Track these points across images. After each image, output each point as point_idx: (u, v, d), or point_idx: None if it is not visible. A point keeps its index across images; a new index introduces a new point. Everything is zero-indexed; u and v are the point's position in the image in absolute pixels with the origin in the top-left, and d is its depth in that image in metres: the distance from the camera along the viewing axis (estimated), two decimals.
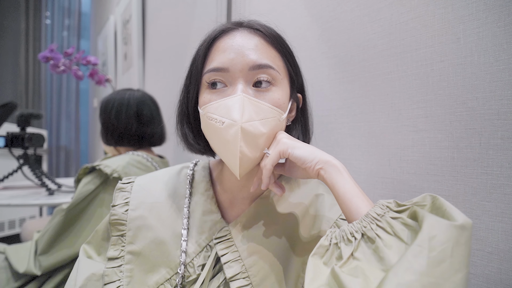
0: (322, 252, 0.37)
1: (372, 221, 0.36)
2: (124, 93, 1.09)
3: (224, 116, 0.43)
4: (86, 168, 0.92)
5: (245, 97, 0.44)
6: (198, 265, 0.47)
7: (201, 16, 1.29)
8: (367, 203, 0.39)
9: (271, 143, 0.46)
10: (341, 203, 0.40)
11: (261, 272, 0.46)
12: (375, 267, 0.33)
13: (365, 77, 0.66)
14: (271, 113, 0.45)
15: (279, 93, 0.47)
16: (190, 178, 0.56)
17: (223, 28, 0.49)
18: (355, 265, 0.33)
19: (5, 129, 1.58)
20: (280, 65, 0.48)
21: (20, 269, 0.83)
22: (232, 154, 0.43)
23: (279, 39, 0.49)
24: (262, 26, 0.49)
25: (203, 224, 0.50)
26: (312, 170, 0.42)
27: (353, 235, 0.36)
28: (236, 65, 0.45)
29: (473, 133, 0.49)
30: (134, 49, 1.96)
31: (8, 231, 2.37)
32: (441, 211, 0.33)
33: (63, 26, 3.56)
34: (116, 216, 0.51)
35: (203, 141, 0.53)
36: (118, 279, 0.47)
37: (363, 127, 0.67)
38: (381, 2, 0.62)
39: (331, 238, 0.37)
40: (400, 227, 0.34)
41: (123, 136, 1.06)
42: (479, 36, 0.48)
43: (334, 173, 0.41)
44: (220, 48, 0.47)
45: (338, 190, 0.40)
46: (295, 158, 0.42)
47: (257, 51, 0.46)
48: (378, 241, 0.34)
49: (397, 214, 0.35)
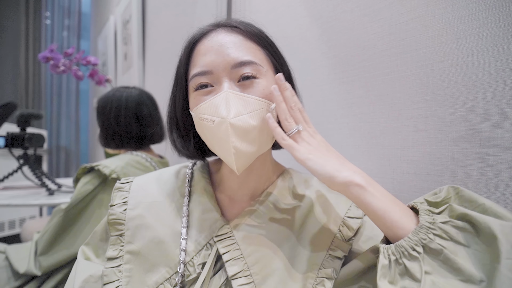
0: (385, 272, 0.36)
1: (427, 231, 0.36)
2: (121, 93, 1.05)
3: (213, 115, 0.44)
4: (84, 168, 0.92)
5: (230, 92, 0.44)
6: (198, 264, 0.47)
7: (201, 16, 1.29)
8: (401, 213, 0.39)
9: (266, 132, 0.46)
10: (374, 219, 0.40)
11: (263, 270, 0.46)
12: (452, 278, 0.33)
13: (365, 77, 0.66)
14: (259, 105, 0.45)
15: (265, 84, 0.46)
16: (189, 177, 0.55)
17: (202, 32, 0.49)
18: (431, 281, 0.33)
19: (5, 129, 1.57)
20: (262, 58, 0.48)
21: (20, 270, 0.83)
22: (227, 151, 0.44)
23: (258, 33, 0.50)
24: (239, 23, 0.50)
25: (202, 222, 0.50)
26: (331, 187, 0.42)
27: (414, 249, 0.36)
28: (218, 65, 0.45)
29: (473, 133, 0.49)
30: (134, 49, 1.96)
31: (8, 231, 2.37)
32: (480, 207, 0.35)
33: (63, 26, 3.56)
34: (114, 216, 0.51)
35: (192, 146, 0.54)
36: (117, 279, 0.47)
37: (363, 127, 0.67)
38: (381, 2, 0.62)
39: (388, 255, 0.37)
40: (454, 231, 0.35)
41: (123, 139, 1.04)
42: (479, 36, 0.48)
43: (358, 194, 0.40)
44: (201, 52, 0.47)
45: (367, 209, 0.40)
46: (311, 171, 0.42)
47: (236, 48, 0.46)
48: (445, 251, 0.34)
49: (445, 218, 0.36)
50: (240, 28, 0.48)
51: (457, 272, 0.33)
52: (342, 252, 0.47)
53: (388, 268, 0.37)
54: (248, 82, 0.46)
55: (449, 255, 0.34)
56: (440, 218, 0.36)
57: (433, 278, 0.34)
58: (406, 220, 0.38)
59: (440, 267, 0.34)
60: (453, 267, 0.34)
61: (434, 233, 0.36)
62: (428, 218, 0.37)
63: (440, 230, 0.35)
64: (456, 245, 0.34)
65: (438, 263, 0.34)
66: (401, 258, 0.36)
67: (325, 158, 0.42)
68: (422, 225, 0.36)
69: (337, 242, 0.48)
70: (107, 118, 1.03)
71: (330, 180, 0.41)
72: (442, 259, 0.34)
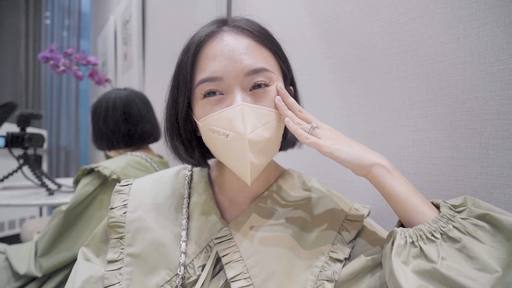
0: (400, 251, 0.37)
1: (447, 221, 0.37)
2: (110, 94, 1.07)
3: (227, 129, 0.42)
4: (84, 170, 0.92)
5: (245, 106, 0.43)
6: (198, 266, 0.47)
7: (201, 16, 1.29)
8: (422, 200, 0.40)
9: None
10: (395, 203, 0.41)
11: (263, 273, 0.45)
12: (467, 266, 0.34)
13: (365, 77, 0.66)
14: (271, 116, 0.45)
15: (275, 92, 0.46)
16: (188, 179, 0.55)
17: (208, 32, 0.46)
18: (446, 265, 0.34)
19: (5, 129, 1.58)
20: (273, 64, 0.47)
21: (20, 271, 0.83)
22: (243, 166, 0.43)
23: (268, 36, 0.48)
24: (248, 24, 0.47)
25: (202, 224, 0.50)
26: (358, 172, 0.43)
27: (432, 235, 0.37)
28: (230, 72, 0.43)
29: (473, 133, 0.49)
30: (134, 49, 1.96)
31: (8, 231, 2.37)
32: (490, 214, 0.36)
33: (63, 26, 3.56)
34: (114, 219, 0.51)
35: (197, 154, 0.51)
36: (118, 282, 0.47)
37: (363, 127, 0.66)
38: (381, 2, 0.62)
39: (405, 237, 0.38)
40: (472, 227, 0.36)
41: (112, 139, 1.05)
42: (479, 36, 0.48)
43: (383, 175, 0.41)
44: (210, 55, 0.44)
45: (390, 192, 0.41)
46: (339, 160, 0.43)
47: (249, 55, 0.44)
48: (463, 240, 0.35)
49: (465, 216, 0.37)
50: (250, 31, 0.46)
51: (472, 260, 0.34)
52: (343, 255, 0.46)
53: (403, 247, 0.37)
54: (260, 91, 0.45)
55: (467, 243, 0.35)
56: (459, 215, 0.38)
57: (448, 263, 0.34)
58: (427, 208, 0.40)
59: (456, 255, 0.35)
60: (469, 255, 0.34)
61: (454, 225, 0.37)
62: (449, 211, 0.38)
63: (460, 224, 0.37)
64: (473, 239, 0.35)
65: (454, 251, 0.35)
66: (417, 241, 0.37)
67: (350, 146, 0.43)
68: (444, 215, 0.38)
69: (338, 244, 0.47)
70: (97, 120, 1.06)
71: (358, 163, 0.42)
72: (459, 248, 0.35)
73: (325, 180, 0.75)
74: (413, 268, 0.36)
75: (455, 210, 0.39)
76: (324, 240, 0.48)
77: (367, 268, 0.44)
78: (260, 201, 0.52)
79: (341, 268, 0.45)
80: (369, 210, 0.54)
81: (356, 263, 0.44)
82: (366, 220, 0.51)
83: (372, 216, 0.64)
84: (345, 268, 0.45)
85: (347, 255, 0.47)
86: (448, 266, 0.34)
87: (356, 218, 0.50)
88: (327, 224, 0.49)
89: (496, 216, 0.35)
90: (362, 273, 0.44)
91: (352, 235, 0.48)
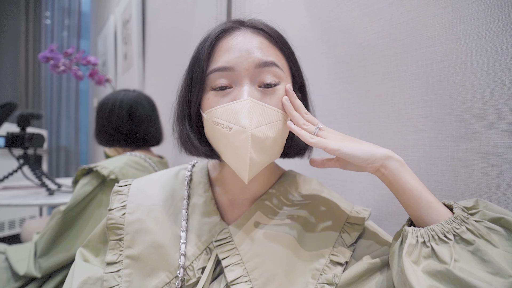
0: (411, 250, 0.37)
1: (461, 223, 0.37)
2: (119, 94, 1.09)
3: (232, 122, 0.43)
4: (83, 170, 0.92)
5: (253, 101, 0.43)
6: (198, 268, 0.47)
7: (201, 16, 1.29)
8: (434, 198, 0.40)
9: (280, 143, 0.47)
10: (408, 198, 0.40)
11: (263, 276, 0.45)
12: (480, 270, 0.33)
13: (365, 77, 0.66)
14: (277, 116, 0.45)
15: (283, 92, 0.47)
16: (188, 179, 0.55)
17: (225, 27, 0.48)
18: (459, 267, 0.34)
19: (5, 129, 1.57)
20: (283, 64, 0.48)
21: (20, 271, 0.82)
22: (242, 161, 0.43)
23: (282, 39, 0.49)
24: (264, 25, 0.49)
25: (202, 226, 0.50)
26: (369, 166, 0.42)
27: (445, 235, 0.36)
28: (241, 63, 0.45)
29: (473, 133, 0.49)
30: (134, 49, 1.95)
31: (8, 231, 2.37)
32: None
33: (63, 26, 3.56)
34: (113, 220, 0.50)
35: (207, 143, 0.50)
36: (117, 284, 0.46)
37: (363, 127, 0.66)
38: (381, 2, 0.62)
39: (417, 237, 0.38)
40: (486, 230, 0.36)
41: (113, 136, 1.06)
42: (479, 36, 0.48)
43: (397, 169, 0.41)
44: (224, 48, 0.46)
45: (403, 186, 0.40)
46: (347, 156, 0.42)
47: (261, 50, 0.46)
48: (477, 242, 0.35)
49: (478, 218, 0.37)
50: (265, 31, 0.48)
51: (486, 264, 0.33)
52: (343, 258, 0.46)
53: (414, 247, 0.37)
54: (269, 90, 0.46)
55: (480, 246, 0.34)
56: (472, 217, 0.37)
57: (461, 265, 0.34)
58: (441, 206, 0.39)
59: (469, 257, 0.35)
60: (482, 259, 0.34)
61: (467, 227, 0.36)
62: (462, 213, 0.38)
63: (473, 226, 0.36)
64: (486, 243, 0.35)
65: (467, 253, 0.35)
66: (429, 241, 0.37)
67: (358, 142, 0.43)
68: (458, 216, 0.37)
69: (339, 247, 0.47)
70: (102, 115, 1.07)
71: (370, 156, 0.41)
72: (472, 250, 0.35)
73: (325, 180, 0.75)
74: (423, 268, 0.36)
75: (468, 212, 0.38)
76: (325, 242, 0.47)
77: (369, 271, 0.43)
78: (260, 203, 0.51)
79: (341, 272, 0.45)
80: (369, 213, 0.53)
81: (358, 266, 0.44)
82: (367, 223, 0.51)
83: (372, 216, 0.64)
84: (347, 271, 0.45)
85: (347, 259, 0.46)
86: (461, 268, 0.34)
87: (357, 221, 0.50)
88: (327, 226, 0.49)
89: (504, 218, 0.35)
90: (364, 276, 0.43)
91: (353, 238, 0.48)
